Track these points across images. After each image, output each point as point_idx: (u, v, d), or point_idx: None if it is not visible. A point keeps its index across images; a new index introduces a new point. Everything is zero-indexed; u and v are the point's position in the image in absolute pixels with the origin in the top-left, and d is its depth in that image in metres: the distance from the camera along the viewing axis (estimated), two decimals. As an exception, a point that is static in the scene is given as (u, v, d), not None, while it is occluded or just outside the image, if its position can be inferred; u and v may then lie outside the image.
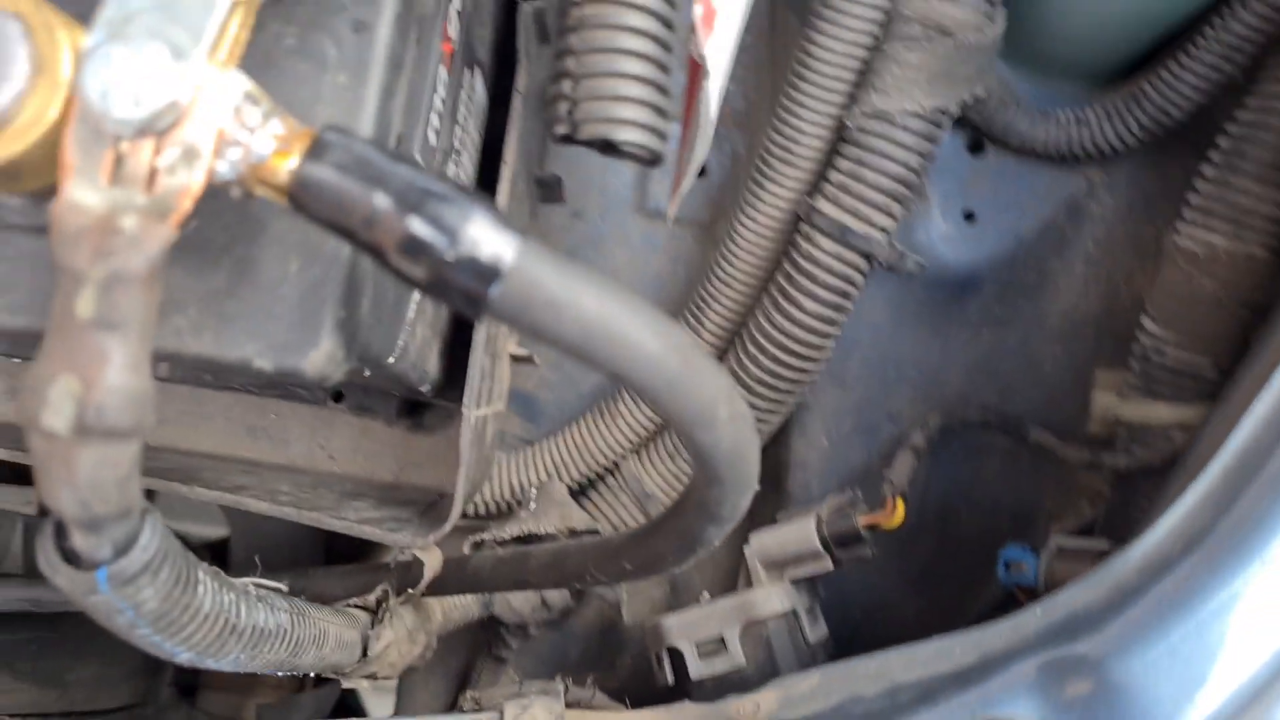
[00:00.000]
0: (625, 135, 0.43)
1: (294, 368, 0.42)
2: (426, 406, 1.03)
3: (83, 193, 0.37)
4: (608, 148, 0.46)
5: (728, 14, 0.59)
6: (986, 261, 0.99)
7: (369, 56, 0.44)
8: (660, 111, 0.44)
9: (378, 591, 0.77)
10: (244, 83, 0.38)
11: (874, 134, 0.87)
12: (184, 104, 0.37)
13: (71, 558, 0.40)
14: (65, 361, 0.36)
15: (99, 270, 0.36)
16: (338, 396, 0.99)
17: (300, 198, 0.38)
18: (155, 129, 0.37)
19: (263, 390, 0.98)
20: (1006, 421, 1.00)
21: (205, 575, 0.46)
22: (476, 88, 0.78)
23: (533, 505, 1.03)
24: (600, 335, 0.38)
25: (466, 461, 0.78)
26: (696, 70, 0.61)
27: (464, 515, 1.06)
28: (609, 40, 0.43)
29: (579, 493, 1.10)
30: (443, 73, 0.64)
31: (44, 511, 0.40)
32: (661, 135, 0.44)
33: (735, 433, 0.43)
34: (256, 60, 0.43)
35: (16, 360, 1.01)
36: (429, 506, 0.94)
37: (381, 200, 0.37)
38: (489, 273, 0.37)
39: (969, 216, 0.99)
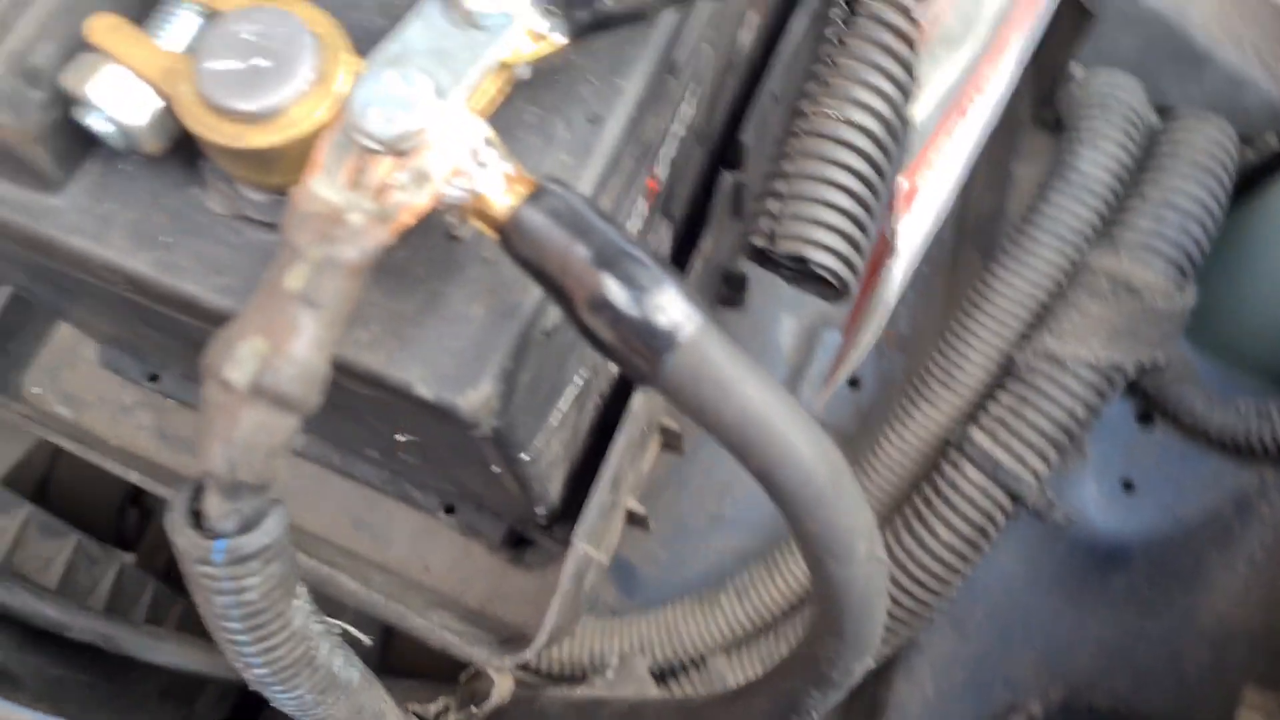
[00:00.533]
0: (820, 257, 0.44)
1: (451, 402, 0.43)
2: (530, 543, 1.02)
3: (322, 186, 0.40)
4: (798, 272, 0.47)
5: (928, 198, 0.61)
6: (1139, 537, 0.93)
7: (594, 144, 0.48)
8: (856, 247, 0.45)
9: (439, 703, 0.74)
10: (486, 130, 0.42)
11: (1043, 375, 0.86)
12: (430, 134, 0.40)
13: (197, 524, 0.40)
14: (261, 325, 0.38)
15: (317, 251, 0.38)
16: (450, 509, 1.00)
17: (510, 235, 0.40)
18: (399, 149, 0.40)
19: (383, 485, 1.00)
20: (1137, 718, 0.91)
21: (303, 593, 0.45)
22: (664, 238, 0.82)
23: (610, 674, 0.99)
24: (759, 427, 0.38)
25: (563, 591, 0.76)
26: (883, 249, 0.63)
27: (536, 671, 1.02)
28: (822, 172, 0.45)
29: (658, 677, 1.05)
30: (642, 204, 0.68)
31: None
32: (853, 269, 0.45)
33: (869, 578, 0.41)
34: (497, 124, 0.47)
35: (170, 401, 1.07)
36: (506, 641, 0.91)
37: (581, 251, 0.39)
38: (666, 340, 0.38)
39: (1128, 486, 0.94)
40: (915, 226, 0.62)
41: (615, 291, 0.38)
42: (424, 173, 0.40)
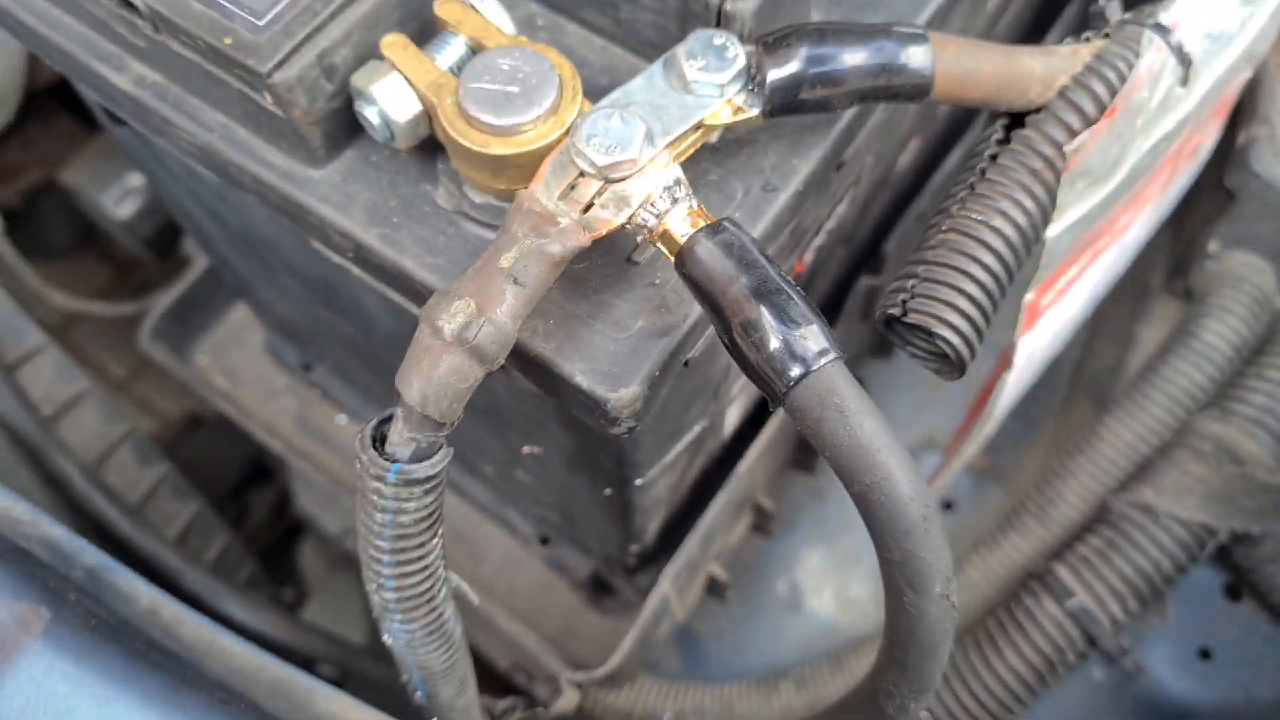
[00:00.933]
0: (945, 332, 0.50)
1: (603, 395, 0.50)
2: (610, 591, 1.07)
3: (542, 193, 0.48)
4: (920, 346, 0.53)
5: (1049, 323, 0.66)
6: (1209, 708, 0.93)
7: (765, 210, 0.55)
8: (979, 334, 0.51)
9: (508, 701, 0.79)
10: (679, 172, 0.50)
11: (1134, 523, 0.88)
12: (636, 168, 0.48)
13: (379, 447, 0.48)
14: (474, 291, 0.46)
15: (529, 241, 0.46)
16: (544, 540, 1.06)
17: (684, 257, 0.47)
18: (608, 176, 0.48)
19: (488, 506, 1.07)
20: None
21: (441, 537, 0.52)
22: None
23: (661, 731, 1.02)
24: (869, 454, 0.43)
25: (642, 623, 0.81)
26: (1001, 366, 0.68)
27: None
28: (958, 262, 0.51)
29: (703, 749, 1.07)
30: (787, 284, 0.75)
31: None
32: (972, 351, 0.51)
33: (940, 614, 0.46)
34: (686, 176, 0.55)
35: (315, 393, 1.17)
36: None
37: (744, 281, 0.46)
38: (802, 366, 0.44)
39: (1205, 654, 0.94)
40: (1033, 346, 0.68)
41: (767, 319, 0.45)
42: (625, 197, 0.48)
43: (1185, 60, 0.58)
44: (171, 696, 0.52)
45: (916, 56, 0.51)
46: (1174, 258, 1.05)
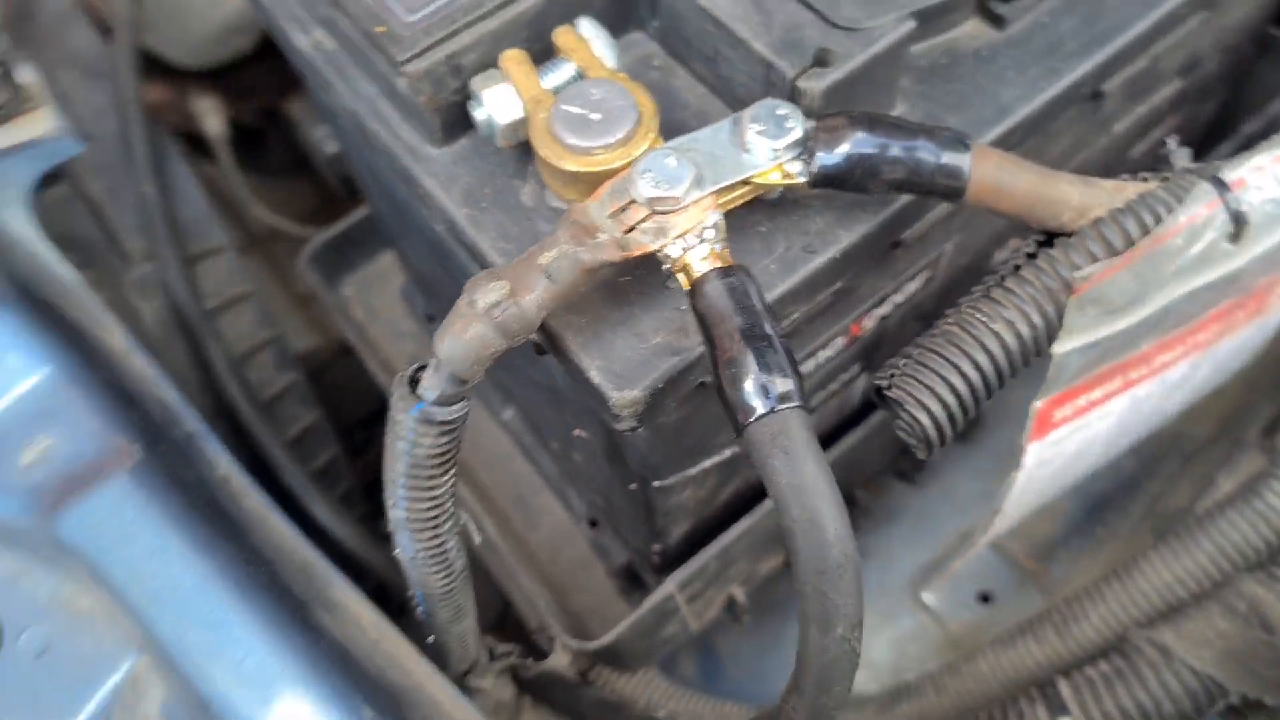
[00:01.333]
0: (918, 414, 0.54)
1: (607, 393, 0.58)
2: (641, 584, 1.14)
3: (593, 209, 0.56)
4: (903, 416, 0.57)
5: (1066, 437, 0.69)
6: None
7: (799, 268, 0.61)
8: (954, 423, 0.55)
9: (509, 645, 0.87)
10: (718, 218, 0.56)
11: (1147, 660, 0.88)
12: (679, 205, 0.56)
13: (411, 388, 0.57)
14: (513, 276, 0.54)
15: (567, 245, 0.54)
16: (593, 523, 1.14)
17: (696, 290, 0.54)
18: (653, 208, 0.56)
19: (551, 479, 1.16)
20: None
21: (452, 474, 0.61)
22: (859, 385, 0.93)
23: (655, 723, 1.08)
24: (803, 495, 0.49)
25: (640, 614, 0.87)
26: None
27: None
28: (949, 353, 0.55)
29: (692, 757, 1.12)
30: (839, 343, 0.80)
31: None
32: (944, 438, 0.55)
33: (838, 655, 0.51)
34: (736, 223, 0.62)
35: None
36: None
37: (736, 321, 0.52)
38: (765, 405, 0.50)
39: (1195, 808, 0.92)
40: (1045, 455, 0.70)
41: (748, 360, 0.51)
42: (663, 229, 0.56)
43: (1239, 219, 0.60)
44: (208, 548, 0.63)
45: (954, 160, 0.56)
46: (1271, 415, 1.03)
